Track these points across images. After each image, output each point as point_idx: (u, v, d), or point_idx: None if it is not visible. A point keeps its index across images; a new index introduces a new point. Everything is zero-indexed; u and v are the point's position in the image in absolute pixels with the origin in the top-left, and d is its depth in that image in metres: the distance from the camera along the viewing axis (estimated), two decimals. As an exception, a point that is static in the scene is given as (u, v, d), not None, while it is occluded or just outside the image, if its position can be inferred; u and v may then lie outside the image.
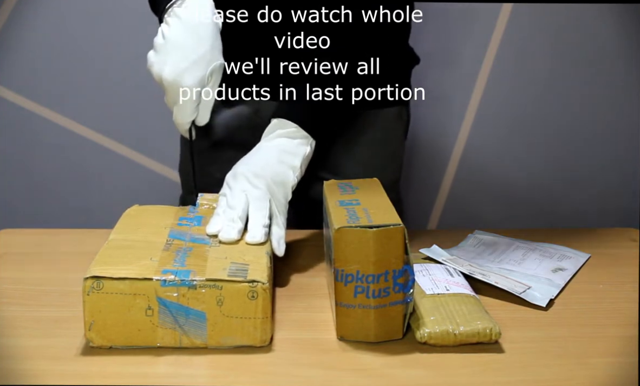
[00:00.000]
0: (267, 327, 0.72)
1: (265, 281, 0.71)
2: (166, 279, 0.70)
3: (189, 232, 0.84)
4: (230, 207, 0.86)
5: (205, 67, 0.94)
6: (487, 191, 1.79)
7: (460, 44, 1.68)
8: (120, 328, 0.71)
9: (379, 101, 1.09)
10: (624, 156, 1.76)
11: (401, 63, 1.14)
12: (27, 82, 1.67)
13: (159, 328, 0.71)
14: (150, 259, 0.74)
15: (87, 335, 0.71)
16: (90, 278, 0.71)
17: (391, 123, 1.15)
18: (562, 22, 1.67)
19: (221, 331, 0.71)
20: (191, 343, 0.72)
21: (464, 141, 1.75)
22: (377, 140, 1.13)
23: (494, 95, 1.72)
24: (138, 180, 1.69)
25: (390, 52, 1.05)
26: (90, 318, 0.71)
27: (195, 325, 0.71)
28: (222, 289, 0.71)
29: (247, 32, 1.05)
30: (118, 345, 0.72)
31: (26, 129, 1.69)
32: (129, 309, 0.70)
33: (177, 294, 0.70)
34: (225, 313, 0.71)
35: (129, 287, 0.70)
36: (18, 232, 1.06)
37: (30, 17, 1.63)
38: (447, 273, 0.84)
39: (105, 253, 0.77)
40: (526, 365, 0.70)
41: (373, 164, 1.11)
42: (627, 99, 1.72)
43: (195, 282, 0.71)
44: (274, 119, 0.96)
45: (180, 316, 0.71)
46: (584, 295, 0.86)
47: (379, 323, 0.73)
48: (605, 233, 1.09)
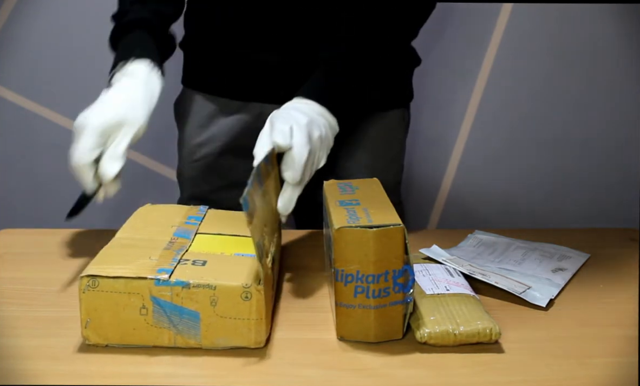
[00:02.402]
0: (262, 329, 0.72)
1: (259, 283, 0.71)
2: (160, 279, 0.70)
3: (196, 230, 0.84)
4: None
5: (115, 118, 0.91)
6: (487, 191, 1.79)
7: (460, 44, 1.68)
8: (115, 326, 0.71)
9: (383, 102, 1.09)
10: (624, 156, 1.76)
11: (404, 63, 1.14)
12: (27, 82, 1.67)
13: (154, 328, 0.71)
14: (150, 258, 0.74)
15: (83, 333, 0.72)
16: (86, 276, 0.71)
17: (394, 125, 1.15)
18: (561, 22, 1.67)
19: (215, 332, 0.71)
20: (185, 343, 0.72)
21: (464, 141, 1.75)
22: (379, 143, 1.12)
23: (493, 95, 1.72)
24: (138, 180, 1.69)
25: (397, 48, 1.04)
26: (86, 316, 0.71)
27: (189, 325, 0.71)
28: (215, 289, 0.70)
29: (252, 31, 1.05)
30: (114, 343, 0.72)
31: (26, 129, 1.69)
32: (124, 308, 0.71)
33: (171, 294, 0.70)
34: (219, 313, 0.71)
35: (123, 286, 0.70)
36: (18, 232, 1.06)
37: (30, 17, 1.63)
38: (447, 273, 0.84)
39: (106, 252, 0.77)
40: (526, 365, 0.70)
41: (375, 166, 1.11)
42: (627, 99, 1.72)
43: (189, 282, 0.70)
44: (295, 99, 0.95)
45: (174, 315, 0.71)
46: (584, 295, 0.86)
47: (379, 323, 0.73)
48: (605, 233, 1.09)
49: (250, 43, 1.06)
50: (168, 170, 1.69)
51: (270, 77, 1.06)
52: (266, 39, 1.05)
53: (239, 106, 1.10)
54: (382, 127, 1.12)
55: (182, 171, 1.17)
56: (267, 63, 1.06)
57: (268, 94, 1.06)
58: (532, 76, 1.71)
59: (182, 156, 1.17)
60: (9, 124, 1.69)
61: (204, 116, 1.12)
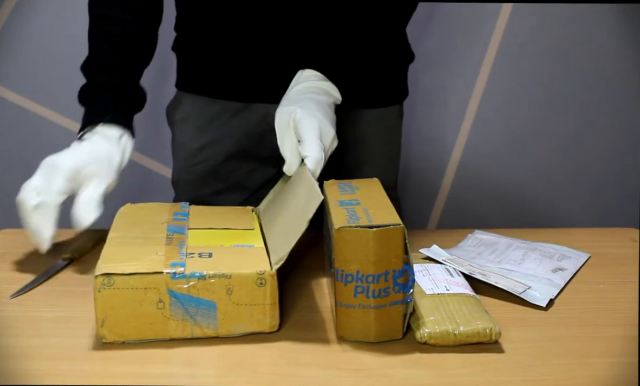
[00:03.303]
0: (276, 313, 0.74)
1: (272, 269, 0.73)
2: (176, 272, 0.72)
3: (187, 225, 0.86)
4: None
5: (89, 164, 0.89)
6: (486, 191, 1.79)
7: (460, 44, 1.68)
8: (132, 322, 0.72)
9: (383, 97, 1.08)
10: (624, 156, 1.76)
11: (401, 58, 1.13)
12: (27, 82, 1.67)
13: (171, 320, 0.72)
14: (157, 254, 0.75)
15: (99, 332, 0.72)
16: (101, 275, 0.71)
17: (393, 121, 1.14)
18: (562, 22, 1.67)
19: (231, 319, 0.73)
20: (203, 333, 0.73)
21: (464, 141, 1.75)
22: (380, 139, 1.12)
23: (493, 95, 1.72)
24: (138, 180, 1.69)
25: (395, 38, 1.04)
26: (102, 314, 0.71)
27: (206, 315, 0.72)
28: (231, 278, 0.72)
29: (255, 29, 1.04)
30: (130, 340, 0.72)
31: (26, 129, 1.69)
32: (141, 304, 0.71)
33: (188, 286, 0.72)
34: (235, 301, 0.73)
35: (139, 281, 0.71)
36: (18, 232, 1.05)
37: (31, 17, 1.63)
38: (447, 273, 0.84)
39: (109, 251, 0.78)
40: (526, 365, 0.70)
41: (376, 163, 1.11)
42: (627, 99, 1.72)
43: (205, 273, 0.72)
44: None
45: (191, 307, 0.72)
46: (584, 295, 0.86)
47: (379, 323, 0.73)
48: (605, 233, 1.09)
49: (253, 41, 1.04)
50: (168, 170, 1.69)
51: (275, 77, 1.02)
52: (270, 36, 1.03)
53: (242, 107, 1.08)
54: (382, 124, 1.12)
55: (179, 176, 1.14)
56: (272, 62, 1.04)
57: (273, 94, 1.01)
58: (532, 75, 1.71)
59: (179, 160, 1.14)
60: (9, 124, 1.69)
61: (204, 119, 1.10)
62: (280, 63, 1.03)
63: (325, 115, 0.89)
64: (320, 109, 0.90)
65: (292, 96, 0.94)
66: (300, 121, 0.87)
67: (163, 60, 1.12)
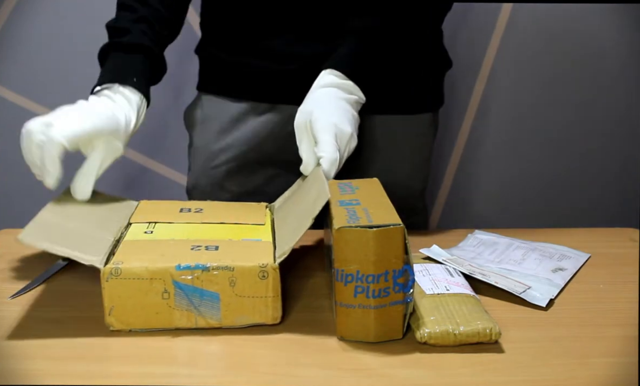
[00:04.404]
0: (278, 305, 0.75)
1: (274, 262, 0.75)
2: (181, 264, 0.73)
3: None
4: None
5: (99, 127, 0.90)
6: (487, 191, 1.79)
7: (460, 43, 1.68)
8: (138, 311, 0.74)
9: (415, 104, 1.07)
10: (624, 156, 1.76)
11: (437, 64, 1.12)
12: (27, 82, 1.67)
13: (176, 310, 0.74)
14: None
15: (106, 320, 0.74)
16: (109, 265, 0.73)
17: (424, 129, 1.12)
18: (562, 22, 1.67)
19: (234, 311, 0.74)
20: (206, 324, 0.74)
21: (464, 140, 1.75)
22: (408, 146, 1.10)
23: (493, 95, 1.72)
24: (138, 180, 1.70)
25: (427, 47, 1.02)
26: (109, 303, 0.73)
27: (210, 306, 0.74)
28: (234, 270, 0.73)
29: (289, 31, 1.02)
30: (137, 328, 0.74)
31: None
32: (146, 294, 0.73)
33: (192, 277, 0.73)
34: (238, 293, 0.74)
35: (145, 272, 0.73)
36: (18, 232, 1.06)
37: (30, 17, 1.63)
38: (447, 273, 0.84)
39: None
40: (526, 365, 0.70)
41: (400, 171, 1.09)
42: (627, 99, 1.72)
43: (209, 265, 0.73)
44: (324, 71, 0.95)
45: (195, 298, 0.74)
46: (584, 295, 0.86)
47: (379, 323, 0.73)
48: (605, 233, 1.09)
49: (281, 41, 1.03)
50: (169, 170, 1.69)
51: (302, 77, 0.99)
52: (297, 37, 1.02)
53: (267, 108, 1.07)
54: (412, 131, 1.10)
55: (197, 181, 1.12)
56: (299, 62, 1.03)
57: (299, 95, 0.98)
58: (532, 75, 1.71)
59: (198, 163, 1.12)
60: (9, 124, 1.68)
61: (226, 120, 1.09)
62: (306, 63, 1.01)
63: (343, 115, 0.89)
64: (338, 109, 0.90)
65: (313, 96, 0.94)
66: (317, 121, 0.87)
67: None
